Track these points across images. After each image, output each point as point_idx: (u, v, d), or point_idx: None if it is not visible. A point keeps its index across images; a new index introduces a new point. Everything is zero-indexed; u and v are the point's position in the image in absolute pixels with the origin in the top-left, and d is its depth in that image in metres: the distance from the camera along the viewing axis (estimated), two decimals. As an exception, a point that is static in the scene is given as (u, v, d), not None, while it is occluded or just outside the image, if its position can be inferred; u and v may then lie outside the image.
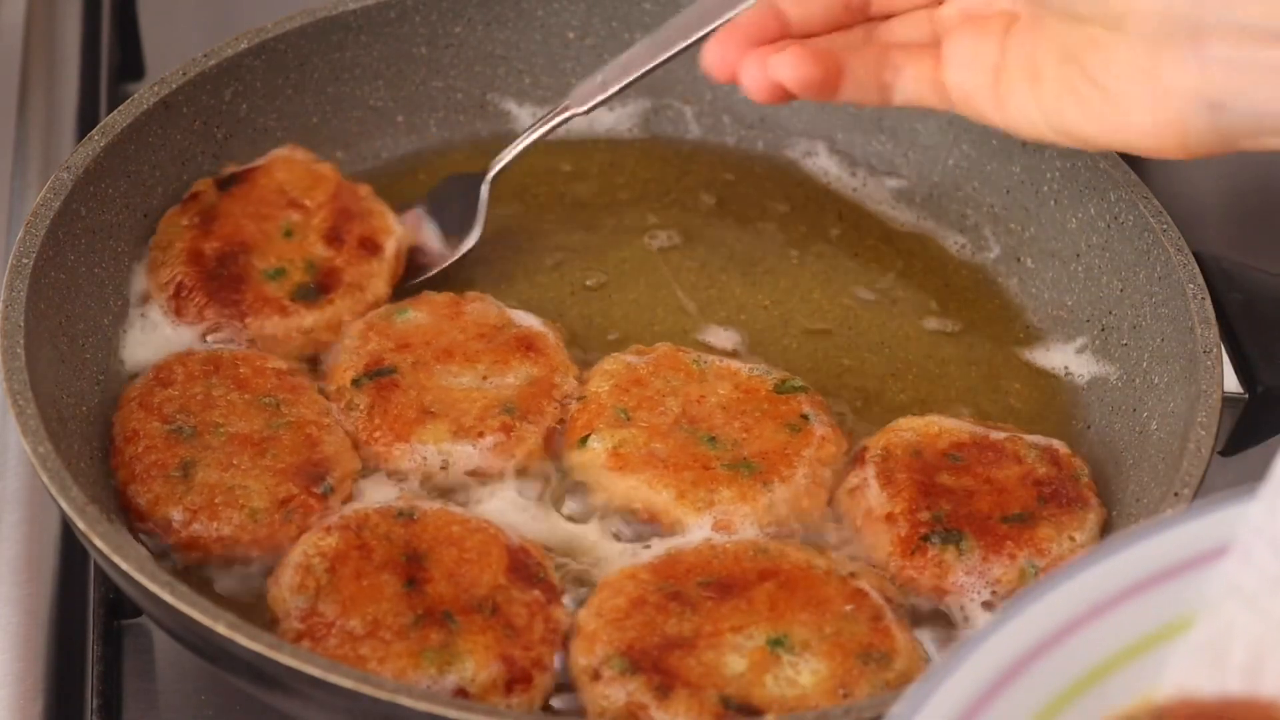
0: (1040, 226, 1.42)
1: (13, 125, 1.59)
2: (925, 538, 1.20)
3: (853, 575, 1.16)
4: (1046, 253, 1.41)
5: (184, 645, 1.11)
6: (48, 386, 1.18)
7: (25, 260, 1.21)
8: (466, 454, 1.23)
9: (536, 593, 1.14)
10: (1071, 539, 1.21)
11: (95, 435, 1.22)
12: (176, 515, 1.17)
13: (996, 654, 0.78)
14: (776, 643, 1.11)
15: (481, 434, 1.23)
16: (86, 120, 1.58)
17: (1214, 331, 1.24)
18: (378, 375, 1.26)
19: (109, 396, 1.25)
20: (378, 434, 1.23)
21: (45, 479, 1.10)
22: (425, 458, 1.23)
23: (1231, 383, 1.26)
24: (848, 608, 1.14)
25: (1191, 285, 1.27)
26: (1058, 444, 1.27)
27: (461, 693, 1.09)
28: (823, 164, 1.50)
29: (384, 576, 1.13)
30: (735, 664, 1.10)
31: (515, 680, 1.10)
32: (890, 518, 1.21)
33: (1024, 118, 1.16)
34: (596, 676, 1.10)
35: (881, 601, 1.15)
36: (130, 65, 1.71)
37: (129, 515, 1.18)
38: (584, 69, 1.51)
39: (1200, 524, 0.82)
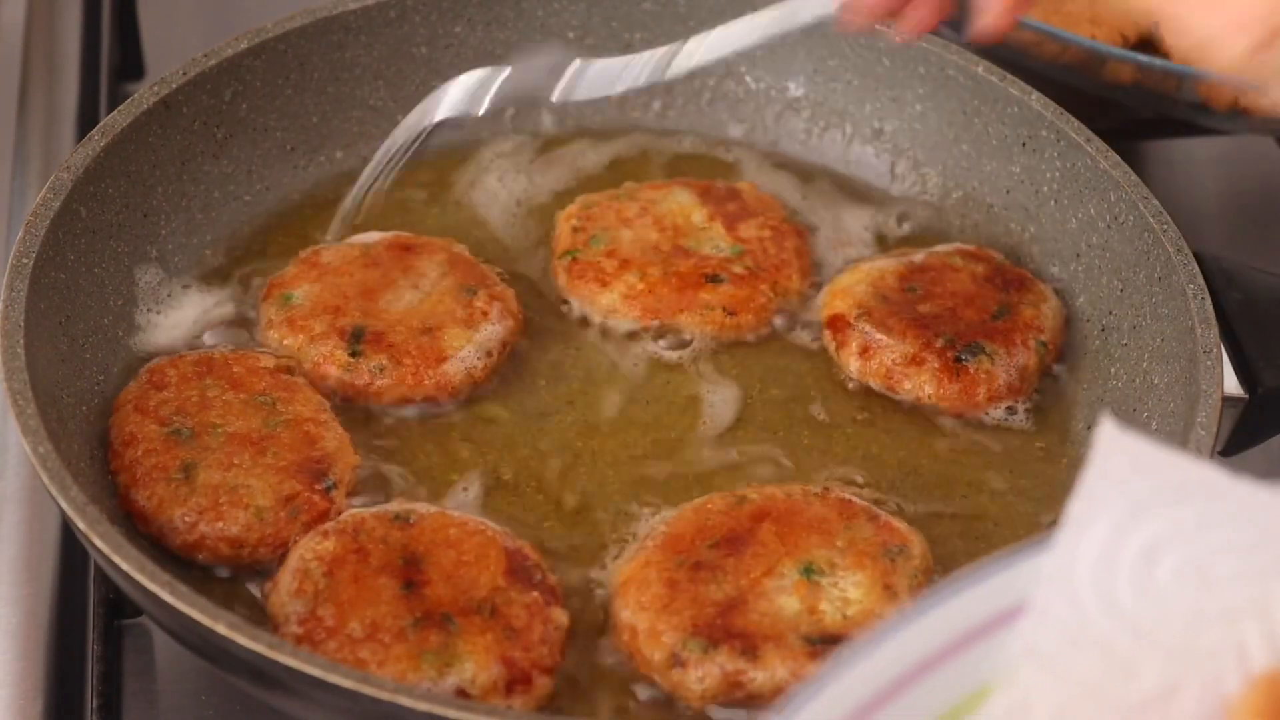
0: (1040, 226, 1.42)
1: (13, 125, 1.59)
2: (957, 359, 1.30)
3: (826, 489, 1.21)
4: (1046, 253, 1.41)
5: (184, 645, 1.11)
6: (48, 387, 1.18)
7: (25, 260, 1.21)
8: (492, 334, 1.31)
9: (535, 594, 1.14)
10: (1047, 308, 1.34)
11: (95, 435, 1.22)
12: (181, 517, 1.17)
13: None
14: (808, 571, 1.15)
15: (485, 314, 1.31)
16: (86, 120, 1.58)
17: (1214, 331, 1.24)
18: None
19: (109, 397, 1.25)
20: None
21: (45, 479, 1.10)
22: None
23: (1231, 383, 1.26)
24: (842, 519, 1.18)
25: (1191, 285, 1.27)
26: (961, 245, 1.39)
27: (462, 694, 1.09)
28: (822, 164, 1.50)
29: (382, 580, 1.13)
30: (789, 605, 1.14)
31: (515, 681, 1.10)
32: (916, 359, 1.30)
33: None
34: (681, 664, 1.12)
35: (865, 503, 1.20)
36: (130, 65, 1.71)
37: (132, 519, 1.18)
38: (584, 69, 1.51)
39: (993, 583, 0.77)
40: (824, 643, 1.12)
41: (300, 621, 1.11)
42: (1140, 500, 0.77)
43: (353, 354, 1.28)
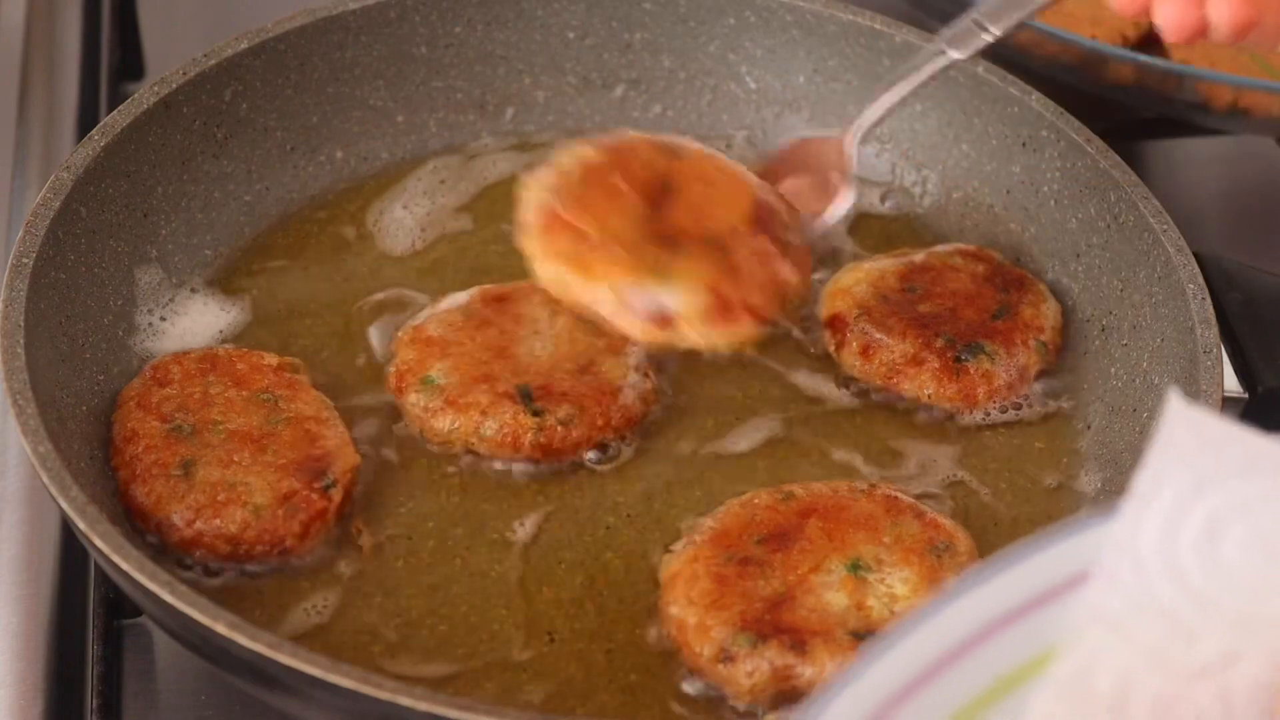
0: (1040, 227, 1.42)
1: (13, 125, 1.59)
2: (957, 359, 1.30)
3: (873, 486, 1.22)
4: (1046, 253, 1.41)
5: (184, 645, 1.11)
6: (48, 386, 1.18)
7: (25, 260, 1.21)
8: None
9: (771, 245, 1.16)
10: (1047, 308, 1.35)
11: (95, 435, 1.22)
12: (179, 514, 1.17)
13: (847, 713, 0.73)
14: (855, 567, 1.16)
15: None
16: (86, 120, 1.58)
17: (1214, 331, 1.24)
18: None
19: (109, 396, 1.25)
20: None
21: (45, 479, 1.10)
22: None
23: (1231, 383, 1.26)
24: (889, 515, 1.19)
25: (1191, 285, 1.27)
26: (961, 245, 1.40)
27: (665, 316, 1.12)
28: (823, 164, 1.50)
29: (631, 194, 1.16)
30: (837, 600, 1.14)
31: (719, 314, 1.12)
32: (916, 359, 1.31)
33: None
34: (729, 659, 1.12)
35: (911, 499, 1.21)
36: (130, 65, 1.72)
37: (131, 515, 1.18)
38: (584, 69, 1.51)
39: (1061, 549, 0.79)
40: (872, 638, 1.12)
41: (544, 212, 1.15)
42: (1205, 473, 0.79)
43: (535, 413, 1.24)
